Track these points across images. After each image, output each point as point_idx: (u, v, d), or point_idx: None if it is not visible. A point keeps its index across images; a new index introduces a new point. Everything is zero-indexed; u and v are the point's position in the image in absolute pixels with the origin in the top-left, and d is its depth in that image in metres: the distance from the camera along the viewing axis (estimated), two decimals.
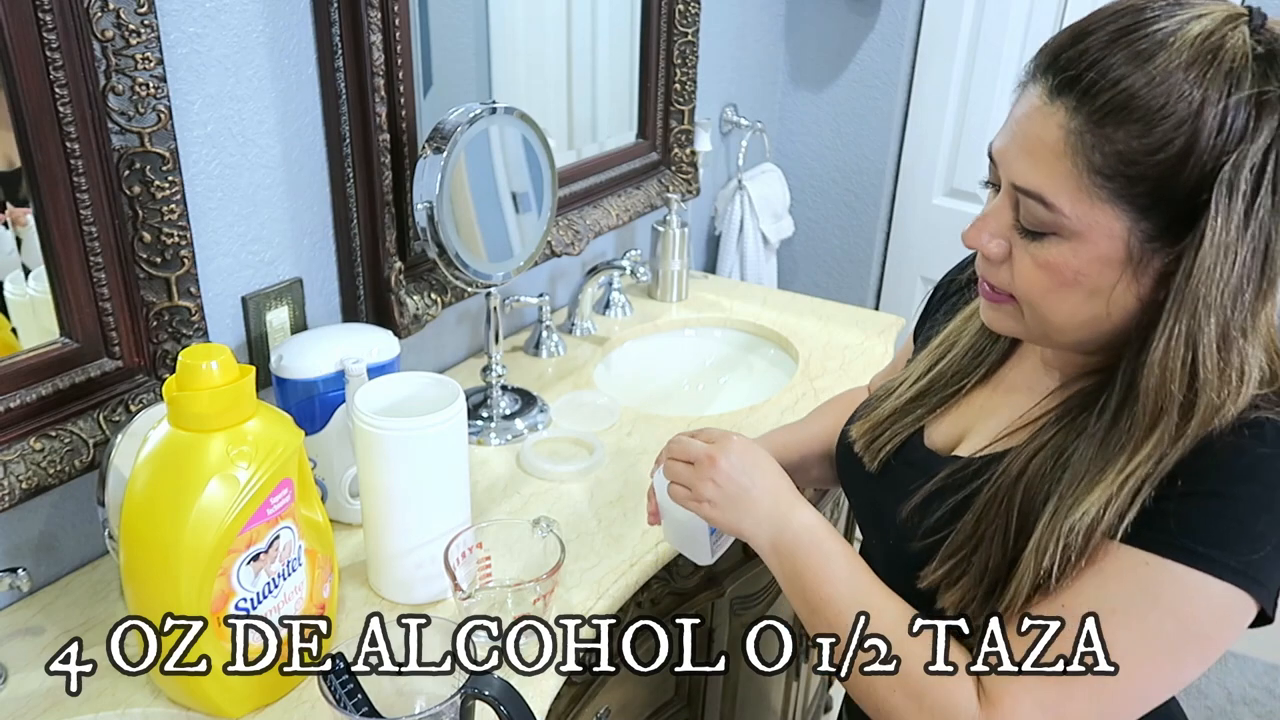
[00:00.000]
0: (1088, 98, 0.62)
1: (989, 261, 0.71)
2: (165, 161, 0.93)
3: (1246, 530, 0.62)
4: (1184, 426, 0.64)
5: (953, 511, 0.74)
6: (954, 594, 0.72)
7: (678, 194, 1.76)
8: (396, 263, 1.22)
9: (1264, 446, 0.63)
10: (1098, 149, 0.62)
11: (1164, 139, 0.60)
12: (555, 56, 1.53)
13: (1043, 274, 0.67)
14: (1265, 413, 0.64)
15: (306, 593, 0.86)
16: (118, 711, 0.84)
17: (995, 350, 0.83)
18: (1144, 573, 0.64)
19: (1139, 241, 0.63)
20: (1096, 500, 0.65)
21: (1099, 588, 0.65)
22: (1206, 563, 0.62)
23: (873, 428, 0.86)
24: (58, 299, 0.93)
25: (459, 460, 0.95)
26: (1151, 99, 0.60)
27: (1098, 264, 0.65)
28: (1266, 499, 0.63)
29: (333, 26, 1.09)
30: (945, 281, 0.94)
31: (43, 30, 0.84)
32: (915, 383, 0.86)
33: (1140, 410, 0.65)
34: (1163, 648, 0.64)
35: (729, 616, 1.27)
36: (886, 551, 0.83)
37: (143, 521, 0.76)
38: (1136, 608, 0.64)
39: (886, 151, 2.19)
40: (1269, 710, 2.17)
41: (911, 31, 2.09)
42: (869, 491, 0.87)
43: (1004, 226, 0.69)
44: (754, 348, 1.70)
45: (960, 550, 0.72)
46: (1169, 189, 0.61)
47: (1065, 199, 0.64)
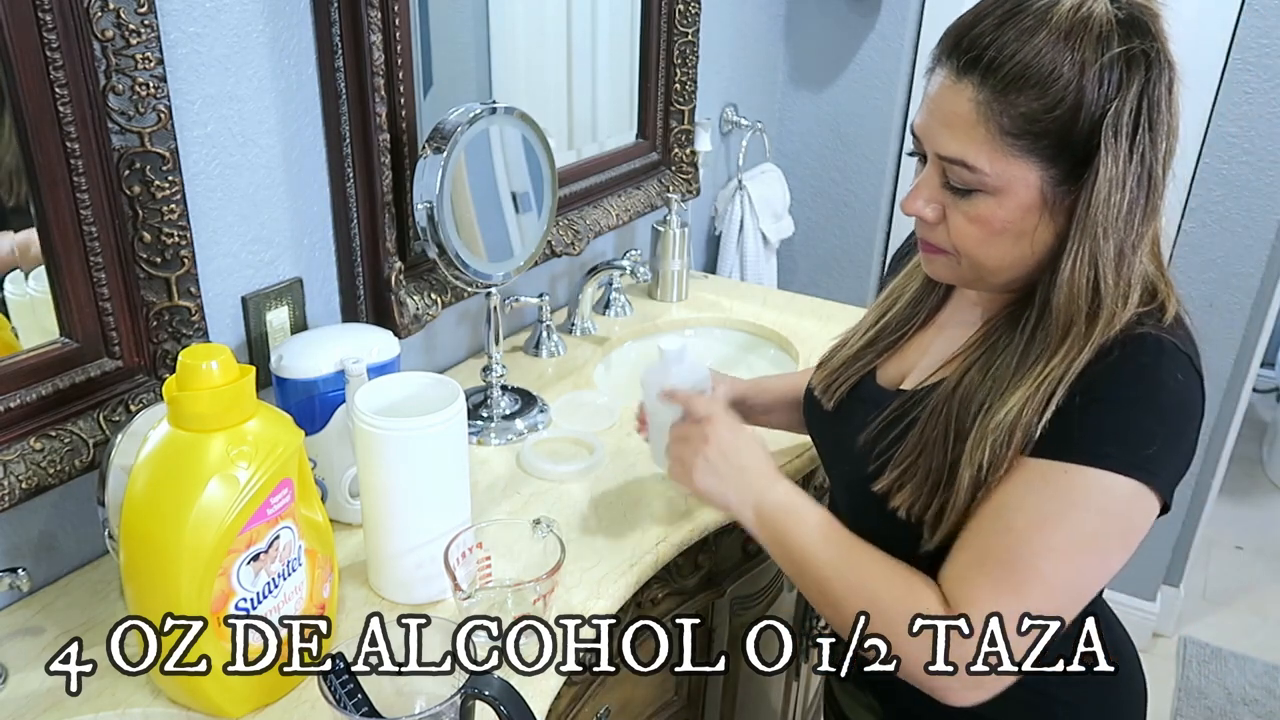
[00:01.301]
0: (990, 72, 0.74)
1: (927, 224, 0.82)
2: (165, 161, 0.93)
3: (1136, 427, 0.74)
4: (1089, 332, 0.75)
5: (901, 434, 0.86)
6: (904, 494, 0.83)
7: (678, 194, 1.76)
8: (396, 263, 1.22)
9: (1145, 357, 0.75)
10: (1005, 113, 0.74)
11: (1057, 98, 0.72)
12: (555, 56, 1.53)
13: (974, 227, 0.78)
14: (1146, 328, 0.76)
15: (306, 593, 0.86)
16: (118, 711, 0.84)
17: (933, 298, 0.96)
18: (1063, 480, 0.75)
19: (1050, 186, 0.75)
20: (1018, 400, 0.76)
21: (1033, 501, 0.76)
22: (1110, 460, 0.74)
23: (829, 374, 0.99)
24: (58, 299, 0.93)
25: (459, 460, 0.95)
26: (1041, 66, 0.72)
27: (1020, 211, 0.76)
28: (1150, 401, 0.75)
29: (333, 26, 1.09)
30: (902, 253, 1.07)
31: (43, 30, 0.84)
32: (865, 333, 0.99)
33: (1054, 324, 0.77)
34: (1089, 543, 0.75)
35: (729, 616, 1.27)
36: (845, 477, 0.96)
37: (143, 521, 0.76)
38: (1064, 511, 0.75)
39: (886, 151, 2.19)
40: (1269, 710, 2.17)
41: (911, 31, 2.09)
42: (829, 428, 0.99)
43: (935, 191, 0.80)
44: (754, 348, 1.70)
45: (908, 457, 0.83)
46: (1068, 138, 0.73)
47: (984, 159, 0.75)
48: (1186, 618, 2.42)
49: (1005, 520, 0.77)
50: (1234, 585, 2.55)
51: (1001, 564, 0.76)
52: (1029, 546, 0.75)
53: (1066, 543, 0.75)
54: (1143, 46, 0.72)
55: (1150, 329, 0.76)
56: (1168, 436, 0.75)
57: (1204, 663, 2.29)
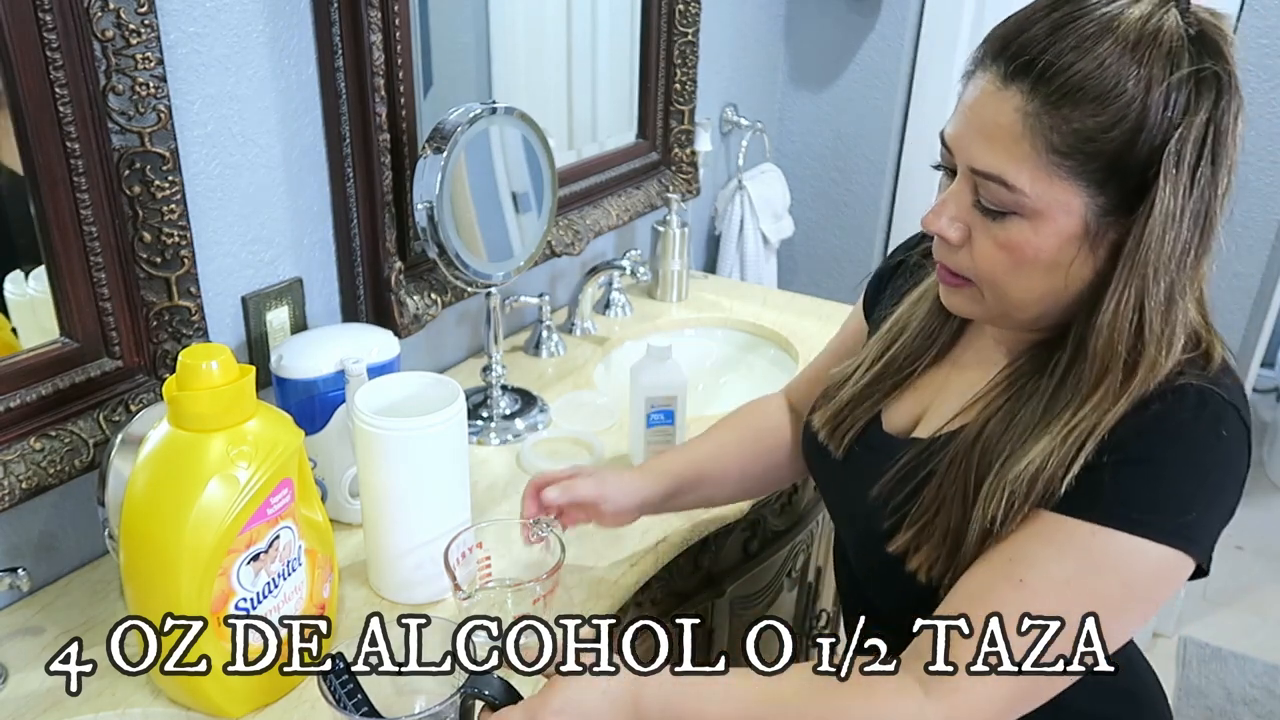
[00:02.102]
0: (1042, 81, 0.65)
1: (948, 245, 0.74)
2: (165, 161, 0.93)
3: (1175, 492, 0.67)
4: (1127, 383, 0.68)
5: (916, 488, 0.78)
6: (920, 556, 0.75)
7: (678, 194, 1.76)
8: (396, 263, 1.22)
9: (1185, 412, 0.68)
10: (1055, 129, 0.66)
11: (1117, 116, 0.64)
12: (555, 56, 1.53)
13: (1003, 254, 0.70)
14: (1189, 378, 0.69)
15: (306, 593, 0.86)
16: (118, 711, 0.84)
17: (946, 331, 0.86)
18: (1090, 541, 0.68)
19: (1095, 216, 0.67)
20: (1041, 451, 0.69)
21: (1053, 560, 0.69)
22: (1144, 528, 0.67)
23: (834, 415, 0.89)
24: (58, 299, 0.93)
25: (459, 460, 0.95)
26: (1104, 79, 0.64)
27: (1057, 239, 0.68)
28: (1189, 460, 0.68)
29: (333, 26, 1.09)
30: (895, 262, 0.96)
31: (43, 30, 0.84)
32: (870, 367, 0.89)
33: (1088, 370, 0.69)
34: (1111, 610, 0.68)
35: (729, 616, 1.27)
36: (857, 532, 0.86)
37: (143, 521, 0.76)
38: (1086, 575, 0.68)
39: (886, 151, 2.19)
40: (1269, 710, 2.17)
41: (911, 31, 2.09)
42: (837, 478, 0.90)
43: (963, 209, 0.72)
44: (754, 348, 1.70)
45: (925, 514, 0.76)
46: (1122, 163, 0.66)
47: (1026, 178, 0.67)
48: (1186, 617, 2.42)
49: (1018, 575, 0.69)
50: (1234, 585, 2.55)
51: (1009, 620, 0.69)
52: (1042, 607, 0.68)
53: (1085, 608, 0.68)
54: (1215, 69, 0.65)
55: (1193, 379, 0.69)
56: (1208, 500, 0.68)
57: (1204, 663, 2.29)
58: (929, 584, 0.75)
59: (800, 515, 1.38)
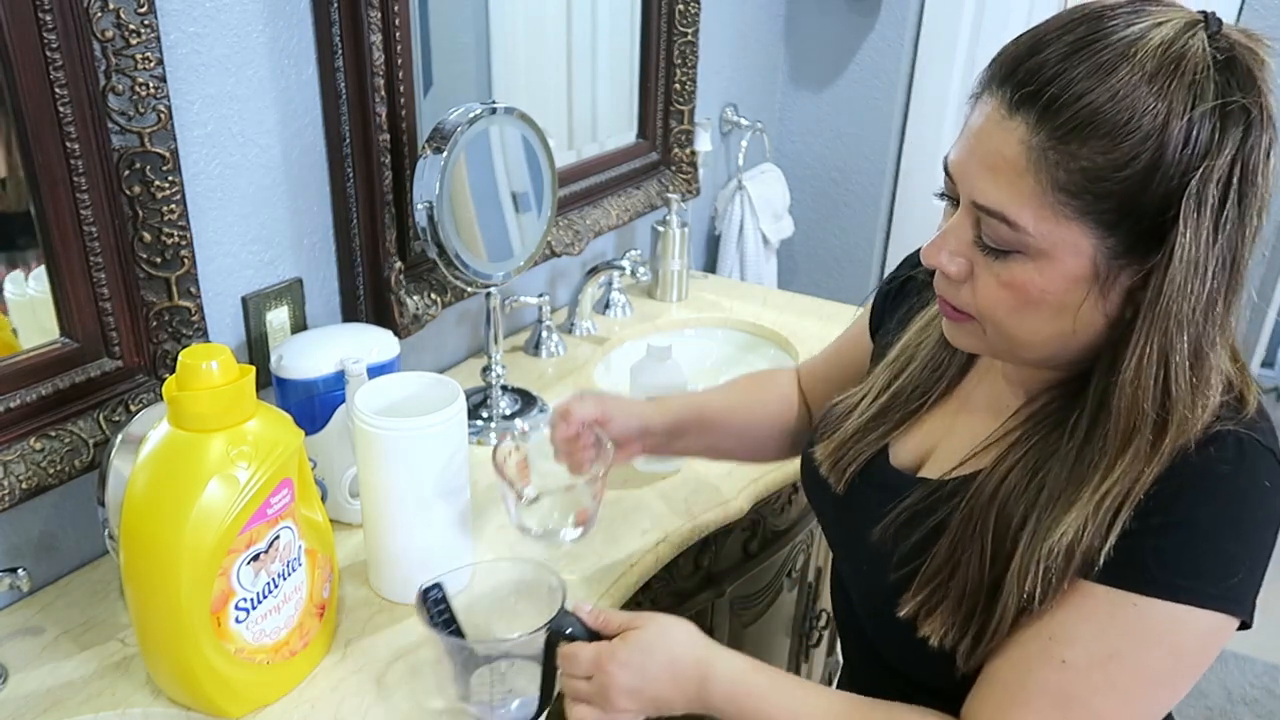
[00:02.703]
0: (1050, 113, 0.60)
1: (949, 280, 0.69)
2: (165, 161, 0.93)
3: (1219, 554, 0.63)
4: (1158, 443, 0.63)
5: (926, 538, 0.73)
6: (934, 621, 0.70)
7: (678, 194, 1.76)
8: (396, 263, 1.22)
9: (1225, 465, 0.63)
10: (1062, 166, 0.60)
11: (1130, 154, 0.59)
12: (555, 56, 1.53)
13: (1006, 293, 0.65)
14: (1225, 424, 0.64)
15: (306, 593, 0.86)
16: (118, 711, 0.84)
17: (954, 364, 0.81)
18: (1133, 614, 0.64)
19: (1105, 258, 0.62)
20: (1074, 521, 0.64)
21: (1095, 636, 0.65)
22: (1189, 595, 0.63)
23: (837, 448, 0.84)
24: (58, 299, 0.93)
25: (459, 460, 0.95)
26: (1116, 113, 0.58)
27: (1064, 282, 0.63)
28: (1232, 519, 0.63)
29: (333, 26, 1.09)
30: (902, 278, 0.91)
31: (43, 30, 0.84)
32: (876, 399, 0.84)
33: (1113, 430, 0.64)
34: (1158, 680, 0.65)
35: (729, 616, 1.27)
36: (860, 578, 0.82)
37: (143, 521, 0.76)
38: (1132, 649, 0.64)
39: (886, 151, 2.19)
40: (1269, 710, 2.17)
41: (911, 31, 2.09)
42: (838, 514, 0.86)
43: (964, 244, 0.67)
44: (754, 348, 1.70)
45: (937, 576, 0.71)
46: (1136, 204, 0.60)
47: (1029, 217, 0.62)
48: None
49: (1059, 655, 0.65)
50: None
51: (1055, 706, 0.65)
52: (1088, 687, 0.64)
53: (1132, 682, 0.64)
54: (1244, 101, 0.58)
55: (1229, 425, 0.64)
56: (1253, 558, 0.64)
57: None
58: (942, 649, 0.71)
59: (800, 515, 1.38)
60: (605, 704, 0.73)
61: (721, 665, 0.74)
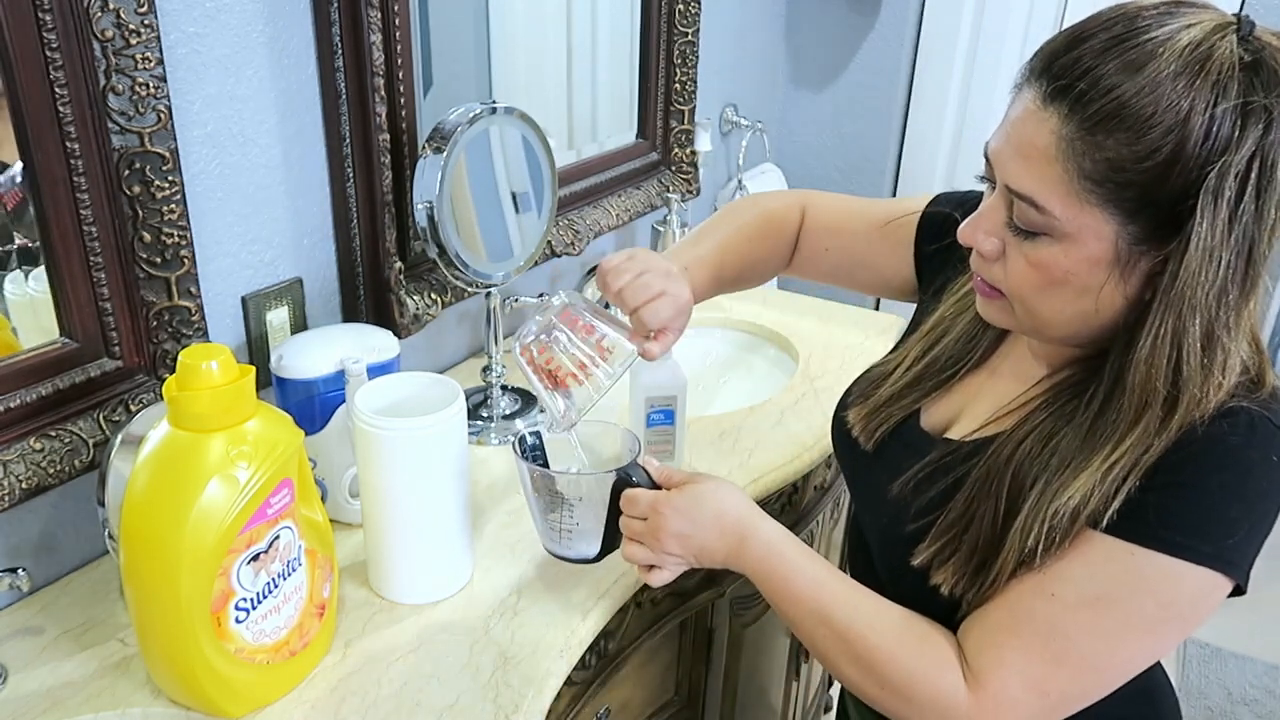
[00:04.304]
0: (1079, 105, 0.64)
1: (983, 259, 0.74)
2: (165, 161, 0.93)
3: (1221, 517, 0.67)
4: (1168, 420, 0.67)
5: (944, 493, 0.78)
6: (945, 570, 0.75)
7: (678, 194, 1.76)
8: (396, 263, 1.22)
9: (1236, 436, 0.67)
10: (1088, 155, 0.64)
11: (1152, 146, 0.62)
12: (555, 56, 1.53)
13: (1034, 272, 0.70)
14: (1240, 402, 0.68)
15: (306, 593, 0.86)
16: (118, 711, 0.84)
17: (987, 337, 0.86)
18: (1129, 562, 0.67)
19: (1127, 244, 0.66)
20: (1082, 486, 0.68)
21: (1088, 577, 0.69)
22: (1185, 551, 0.66)
23: (870, 412, 0.90)
24: (58, 299, 0.93)
25: (459, 460, 0.95)
26: (1140, 108, 0.62)
27: (1087, 264, 0.68)
28: (1238, 487, 0.67)
29: (333, 26, 1.09)
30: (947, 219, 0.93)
31: (43, 30, 0.84)
32: (910, 368, 0.89)
33: (1126, 404, 0.68)
34: (1145, 628, 0.69)
35: (729, 616, 1.27)
36: (880, 530, 0.87)
37: (143, 521, 0.76)
38: (1121, 594, 0.68)
39: (886, 152, 2.19)
40: (1269, 710, 2.17)
41: (911, 31, 2.09)
42: (864, 470, 0.90)
43: (998, 225, 0.72)
44: (754, 348, 1.70)
45: (952, 529, 0.76)
46: (1156, 194, 0.64)
47: (1056, 202, 0.66)
48: None
49: (1050, 588, 0.70)
50: None
51: (1038, 633, 0.69)
52: (1074, 623, 0.68)
53: (1119, 626, 0.68)
54: (1266, 101, 0.62)
55: (1244, 402, 0.68)
56: (1253, 523, 0.67)
57: (1204, 663, 2.29)
58: (951, 597, 0.75)
59: (800, 515, 1.38)
60: (655, 544, 0.82)
61: (762, 530, 0.81)
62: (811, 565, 0.79)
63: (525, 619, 0.95)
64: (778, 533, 0.81)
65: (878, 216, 1.02)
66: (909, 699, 0.74)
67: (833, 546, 1.58)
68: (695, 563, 0.84)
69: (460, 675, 0.88)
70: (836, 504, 1.55)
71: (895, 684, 0.74)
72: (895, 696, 0.74)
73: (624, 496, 0.84)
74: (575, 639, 0.94)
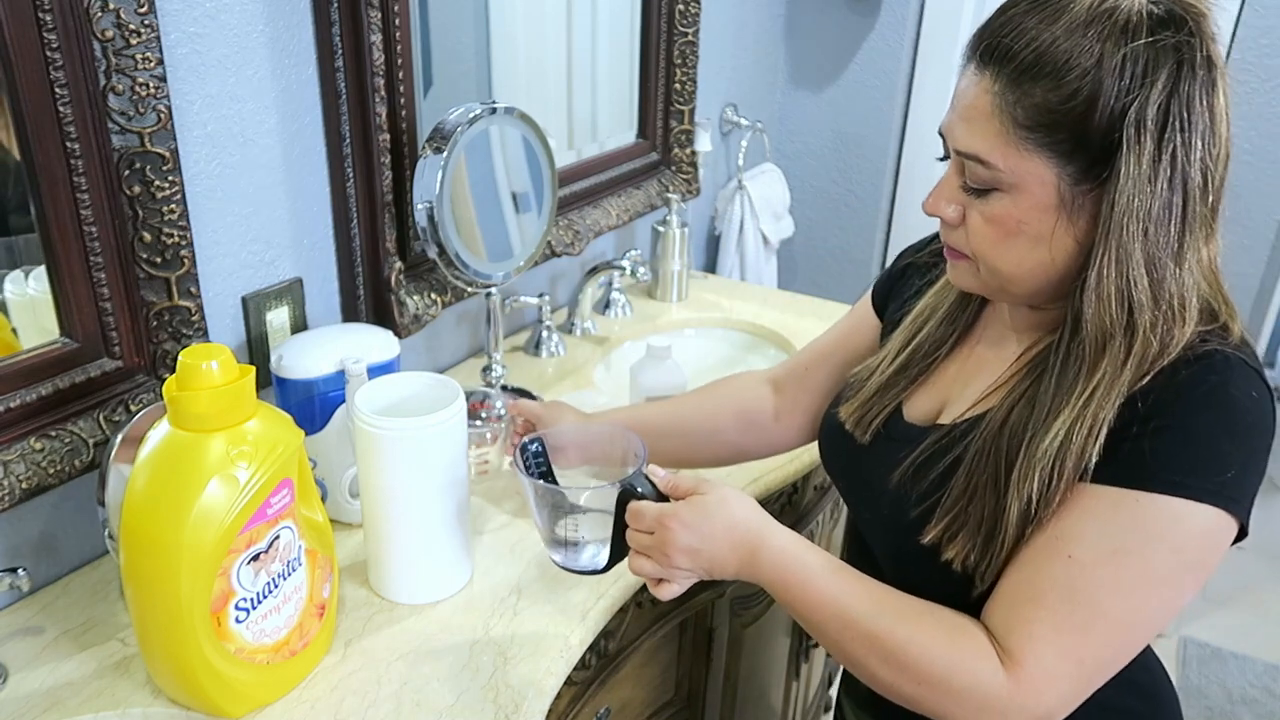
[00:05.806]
0: (1007, 61, 0.71)
1: (948, 225, 0.79)
2: (165, 161, 0.93)
3: (1213, 453, 0.69)
4: (1129, 347, 0.71)
5: (944, 474, 0.80)
6: (955, 546, 0.76)
7: (678, 194, 1.76)
8: (396, 263, 1.22)
9: (1214, 375, 0.71)
10: (1019, 104, 0.70)
11: (1071, 89, 0.69)
12: (555, 56, 1.54)
13: (990, 228, 0.75)
14: (1213, 344, 0.72)
15: (306, 593, 0.86)
16: (118, 711, 0.84)
17: (965, 316, 0.90)
18: (1135, 509, 0.70)
19: (1068, 185, 0.71)
20: (1062, 424, 0.72)
21: (1099, 532, 0.70)
22: (1186, 489, 0.69)
23: (860, 405, 0.91)
24: (58, 299, 0.93)
25: (459, 460, 0.95)
26: (1056, 54, 0.69)
27: (1036, 210, 0.72)
28: (1225, 422, 0.70)
29: (333, 26, 1.09)
30: (903, 265, 1.00)
31: (43, 30, 0.84)
32: (895, 358, 0.91)
33: (1087, 340, 0.72)
34: (1162, 578, 0.70)
35: (729, 616, 1.27)
36: (883, 522, 0.87)
37: (143, 521, 0.76)
38: (1136, 545, 0.69)
39: (886, 152, 2.19)
40: (1269, 710, 2.17)
41: (911, 31, 2.09)
42: (859, 465, 0.91)
43: (955, 190, 0.77)
44: (754, 348, 1.70)
45: (957, 504, 0.77)
46: (1085, 133, 0.69)
47: (998, 155, 0.72)
48: (1186, 617, 2.42)
49: (1065, 550, 0.71)
50: (1234, 585, 2.55)
51: (1063, 600, 0.70)
52: (1094, 581, 0.69)
53: (1137, 578, 0.69)
54: (1174, 40, 0.67)
55: (1216, 345, 0.72)
56: (1245, 459, 0.70)
57: (1204, 663, 2.29)
58: (964, 572, 0.76)
59: (800, 515, 1.38)
60: (664, 559, 0.81)
61: (775, 539, 0.80)
62: (828, 568, 0.79)
63: (525, 619, 0.96)
64: (791, 539, 0.80)
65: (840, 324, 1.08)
66: (948, 691, 0.73)
67: (833, 546, 1.58)
68: (706, 575, 0.82)
69: (460, 675, 0.88)
70: (836, 504, 1.55)
71: (933, 678, 0.73)
72: (935, 690, 0.74)
73: (629, 510, 0.82)
74: (575, 639, 0.94)
